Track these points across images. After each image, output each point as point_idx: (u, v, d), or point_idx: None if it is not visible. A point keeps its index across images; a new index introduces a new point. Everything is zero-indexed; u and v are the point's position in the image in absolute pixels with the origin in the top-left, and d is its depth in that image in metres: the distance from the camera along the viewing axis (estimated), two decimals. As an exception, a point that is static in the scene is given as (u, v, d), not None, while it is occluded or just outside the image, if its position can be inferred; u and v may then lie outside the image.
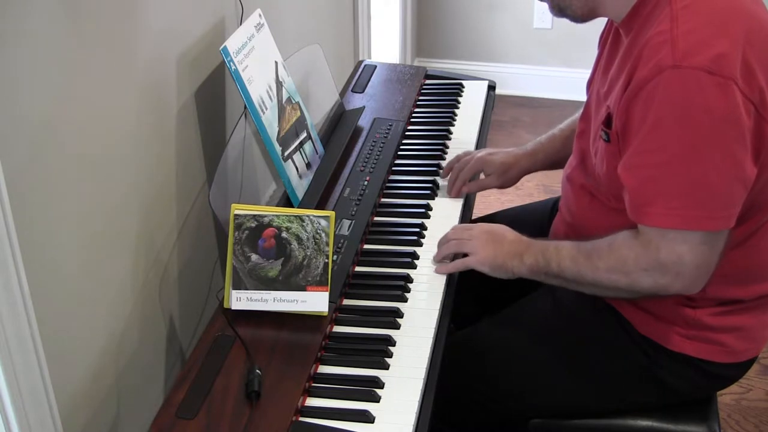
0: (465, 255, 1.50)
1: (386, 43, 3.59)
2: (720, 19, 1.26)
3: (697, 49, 1.22)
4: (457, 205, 1.72)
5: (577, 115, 1.61)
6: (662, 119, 1.25)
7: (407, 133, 1.96)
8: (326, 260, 1.36)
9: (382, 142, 1.85)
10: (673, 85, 1.23)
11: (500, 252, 1.47)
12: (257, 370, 1.22)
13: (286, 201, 1.58)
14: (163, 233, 1.53)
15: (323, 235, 1.37)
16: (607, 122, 1.36)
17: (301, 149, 1.64)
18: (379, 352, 1.32)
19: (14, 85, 1.08)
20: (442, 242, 1.53)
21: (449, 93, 2.15)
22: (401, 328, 1.38)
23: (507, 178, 1.79)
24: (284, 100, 1.63)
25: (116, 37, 1.33)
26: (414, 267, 1.52)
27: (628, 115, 1.30)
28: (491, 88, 2.20)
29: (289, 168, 1.58)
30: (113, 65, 1.32)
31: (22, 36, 1.09)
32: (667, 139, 1.25)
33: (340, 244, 1.51)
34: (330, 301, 1.36)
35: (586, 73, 1.60)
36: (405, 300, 1.44)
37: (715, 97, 1.21)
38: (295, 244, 1.36)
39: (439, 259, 1.53)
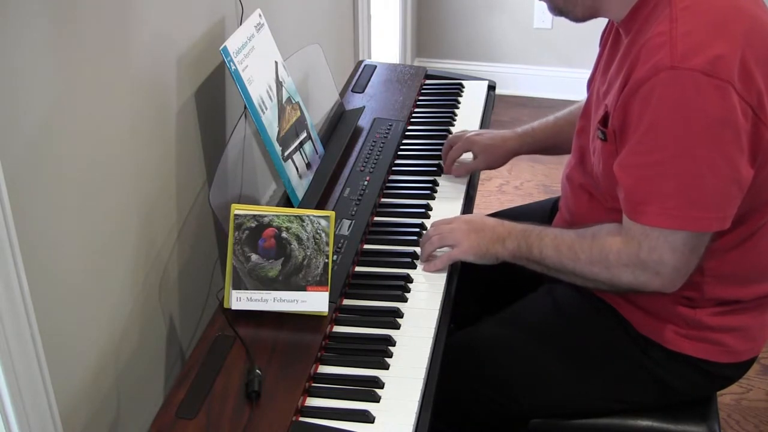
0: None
1: (386, 43, 3.58)
2: (720, 21, 1.26)
3: (695, 50, 1.22)
4: (457, 205, 1.72)
5: (576, 106, 1.61)
6: (658, 119, 1.25)
7: (407, 133, 1.96)
8: (326, 260, 1.36)
9: (382, 142, 1.85)
10: (670, 86, 1.23)
11: (483, 239, 1.48)
12: (257, 370, 1.22)
13: (286, 201, 1.58)
14: (163, 233, 1.53)
15: (323, 235, 1.37)
16: (604, 121, 1.37)
17: (301, 149, 1.64)
18: (379, 352, 1.32)
19: (15, 86, 1.08)
20: (424, 241, 1.54)
21: (449, 93, 2.15)
22: (401, 328, 1.38)
23: (494, 158, 1.80)
24: (284, 100, 1.63)
25: (116, 37, 1.33)
26: (414, 267, 1.52)
27: (625, 114, 1.30)
28: (491, 88, 2.20)
29: (289, 168, 1.58)
30: (113, 65, 1.32)
31: (22, 37, 1.09)
32: (663, 139, 1.25)
33: (340, 244, 1.51)
34: (330, 301, 1.36)
35: (586, 73, 1.61)
36: (405, 300, 1.44)
37: (712, 99, 1.22)
38: (295, 244, 1.36)
39: (425, 258, 1.52)
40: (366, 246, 1.57)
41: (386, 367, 1.29)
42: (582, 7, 1.40)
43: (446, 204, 1.72)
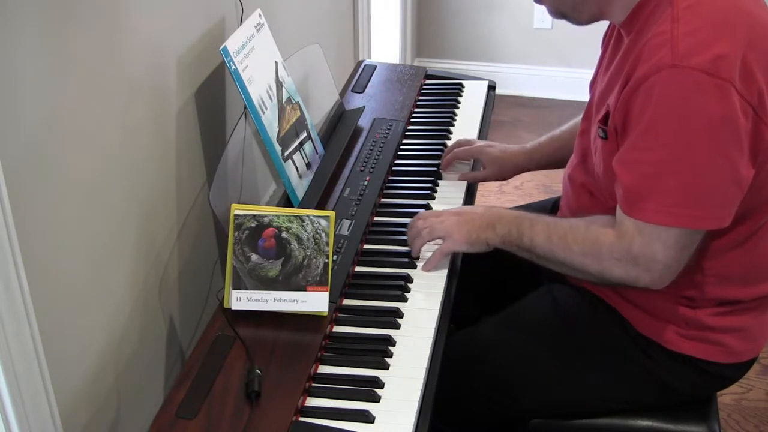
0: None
1: (386, 43, 3.59)
2: (721, 21, 1.26)
3: (696, 50, 1.23)
4: (456, 205, 1.72)
5: (579, 117, 1.62)
6: (658, 117, 1.25)
7: (407, 133, 1.96)
8: (326, 260, 1.36)
9: (382, 142, 1.85)
10: (671, 84, 1.23)
11: (473, 227, 1.48)
12: (257, 370, 1.22)
13: (286, 201, 1.58)
14: (163, 233, 1.53)
15: (323, 235, 1.37)
16: (605, 120, 1.37)
17: (301, 149, 1.64)
18: (379, 352, 1.32)
19: (15, 86, 1.08)
20: (414, 234, 1.53)
21: (449, 93, 2.15)
22: (401, 328, 1.38)
23: (501, 172, 1.82)
24: (284, 100, 1.63)
25: (116, 37, 1.33)
26: (414, 267, 1.52)
27: (626, 112, 1.30)
28: (491, 88, 2.20)
29: (289, 168, 1.58)
30: (113, 65, 1.32)
31: (22, 37, 1.09)
32: (663, 137, 1.26)
33: (340, 244, 1.51)
34: (330, 301, 1.36)
35: (586, 73, 1.61)
36: (405, 300, 1.44)
37: (712, 98, 1.22)
38: (295, 244, 1.36)
39: (417, 254, 1.52)
40: (366, 246, 1.57)
41: (386, 367, 1.29)
42: (588, 14, 1.40)
43: (446, 204, 1.71)
